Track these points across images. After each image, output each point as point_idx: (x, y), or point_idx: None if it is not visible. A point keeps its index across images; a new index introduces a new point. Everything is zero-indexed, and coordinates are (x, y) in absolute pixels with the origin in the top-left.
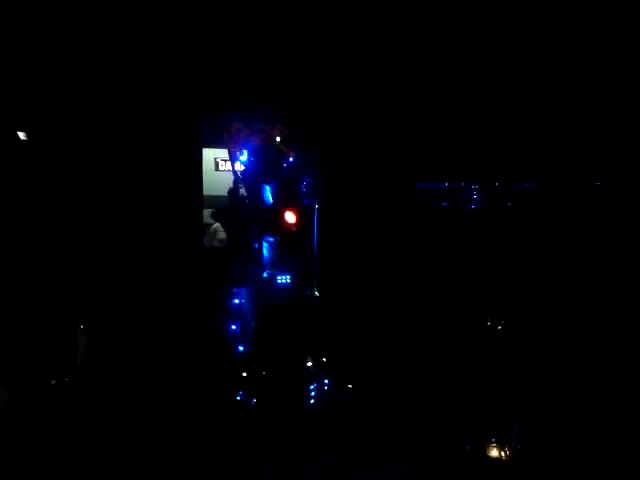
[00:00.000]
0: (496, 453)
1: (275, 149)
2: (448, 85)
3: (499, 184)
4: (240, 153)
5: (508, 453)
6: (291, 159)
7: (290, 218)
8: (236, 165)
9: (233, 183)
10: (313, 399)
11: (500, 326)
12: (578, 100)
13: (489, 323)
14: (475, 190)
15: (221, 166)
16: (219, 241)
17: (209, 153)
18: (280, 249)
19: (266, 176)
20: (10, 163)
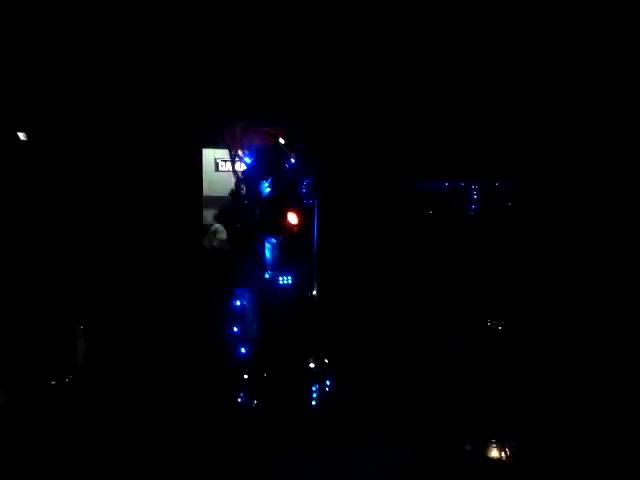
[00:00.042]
0: (496, 453)
1: (278, 150)
2: (448, 85)
3: (499, 184)
4: (244, 154)
5: (508, 453)
6: (292, 160)
7: (292, 219)
8: (236, 165)
9: (235, 184)
10: (314, 400)
11: (500, 327)
12: (577, 100)
13: (489, 324)
14: (475, 190)
15: (221, 167)
16: (219, 242)
17: (209, 153)
18: (282, 250)
19: (268, 177)
20: (10, 163)
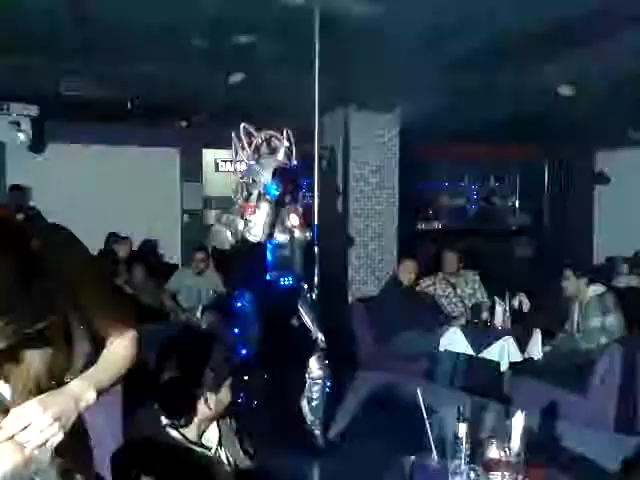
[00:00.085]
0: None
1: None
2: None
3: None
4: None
5: (508, 453)
6: (295, 162)
7: (294, 220)
8: (237, 166)
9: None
10: (316, 401)
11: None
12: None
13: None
14: (475, 190)
15: (221, 167)
16: (220, 242)
17: (209, 154)
18: (283, 250)
19: (272, 178)
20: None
